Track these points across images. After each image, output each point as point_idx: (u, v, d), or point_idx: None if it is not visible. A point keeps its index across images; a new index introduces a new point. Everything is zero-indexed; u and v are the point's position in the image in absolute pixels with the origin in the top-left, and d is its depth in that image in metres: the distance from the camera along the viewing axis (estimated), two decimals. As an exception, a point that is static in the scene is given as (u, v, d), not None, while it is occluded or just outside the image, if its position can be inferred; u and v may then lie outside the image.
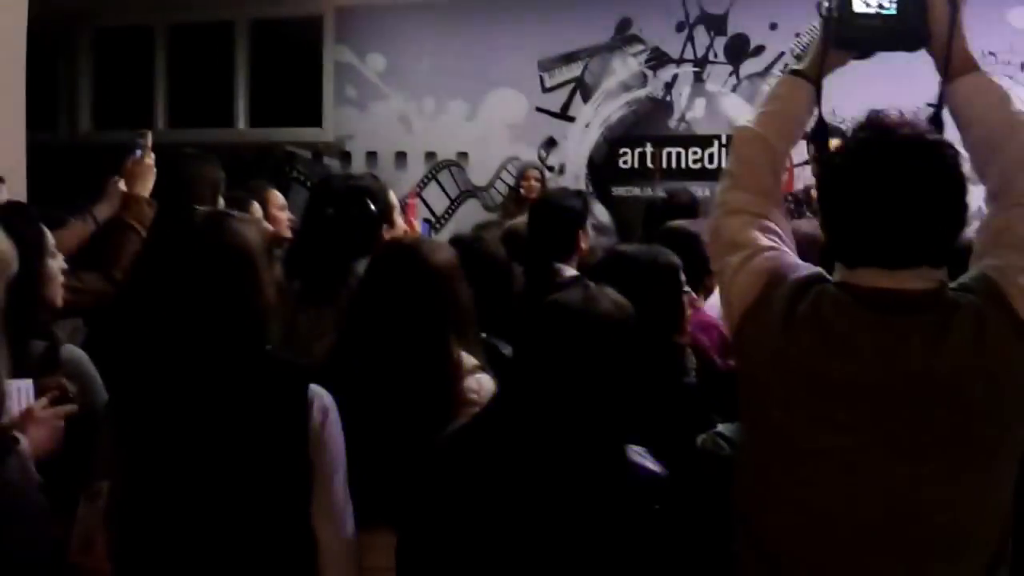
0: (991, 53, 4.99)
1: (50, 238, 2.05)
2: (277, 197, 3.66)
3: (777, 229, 1.48)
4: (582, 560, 1.50)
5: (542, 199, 3.31)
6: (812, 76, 1.53)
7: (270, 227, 3.44)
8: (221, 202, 2.76)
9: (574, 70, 5.87)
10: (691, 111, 5.62)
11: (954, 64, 1.45)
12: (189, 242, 1.68)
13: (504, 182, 5.90)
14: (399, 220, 2.75)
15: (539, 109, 5.93)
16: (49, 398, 1.77)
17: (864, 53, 1.55)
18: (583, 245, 2.94)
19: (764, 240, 1.45)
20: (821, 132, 1.54)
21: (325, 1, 6.29)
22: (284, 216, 3.76)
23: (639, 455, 1.60)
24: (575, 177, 5.89)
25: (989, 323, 1.32)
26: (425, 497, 1.61)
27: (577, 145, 5.89)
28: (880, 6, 1.46)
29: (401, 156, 6.27)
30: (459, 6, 6.01)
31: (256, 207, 3.41)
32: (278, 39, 6.67)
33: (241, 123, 6.77)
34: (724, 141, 5.38)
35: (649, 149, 5.69)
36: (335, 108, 6.41)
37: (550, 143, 5.92)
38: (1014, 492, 1.42)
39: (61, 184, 5.95)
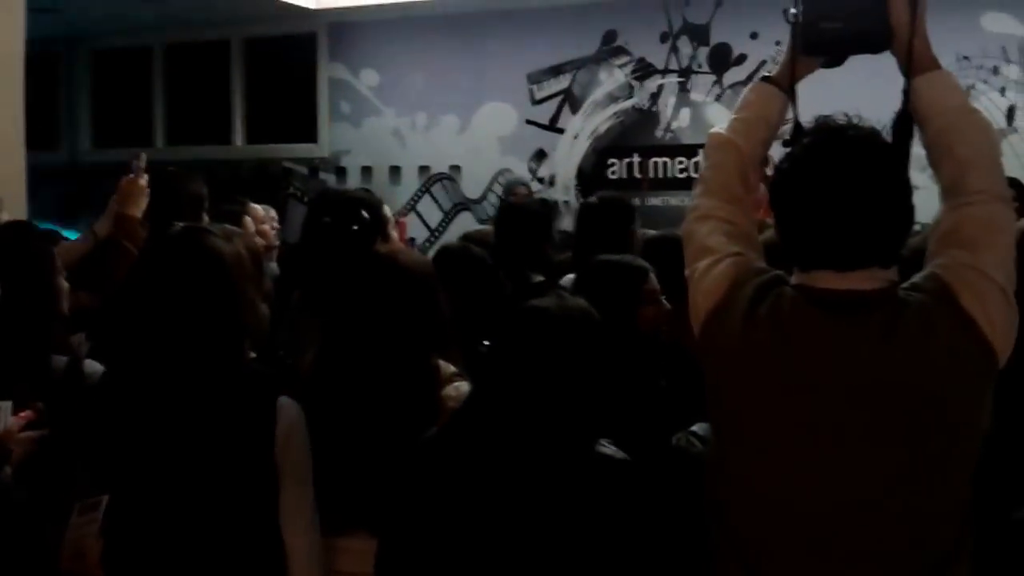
0: (965, 57, 5.09)
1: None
2: (258, 211, 3.77)
3: (744, 234, 1.53)
4: (559, 555, 1.55)
5: (509, 208, 3.42)
6: (783, 82, 1.57)
7: (262, 240, 3.58)
8: (205, 218, 2.83)
9: (562, 82, 5.97)
10: (676, 121, 5.72)
11: (915, 63, 1.49)
12: (165, 256, 1.76)
13: (496, 194, 5.99)
14: (393, 234, 2.81)
15: (529, 121, 6.03)
16: (24, 418, 1.83)
17: (833, 61, 1.60)
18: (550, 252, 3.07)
19: (730, 245, 1.50)
20: (797, 138, 1.57)
21: (318, 18, 6.39)
22: (268, 227, 3.88)
23: (604, 446, 1.65)
24: (565, 188, 5.99)
25: (938, 320, 1.37)
26: (404, 502, 1.65)
27: (566, 156, 5.99)
28: (845, 12, 1.51)
29: (395, 170, 6.37)
30: (450, 22, 6.12)
31: (249, 221, 3.54)
32: (273, 57, 6.77)
33: (238, 140, 6.88)
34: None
35: (636, 159, 5.78)
36: (330, 124, 6.52)
37: (540, 155, 6.02)
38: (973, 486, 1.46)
39: (61, 203, 6.11)
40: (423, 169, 6.31)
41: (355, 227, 2.49)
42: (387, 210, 2.80)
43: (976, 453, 1.44)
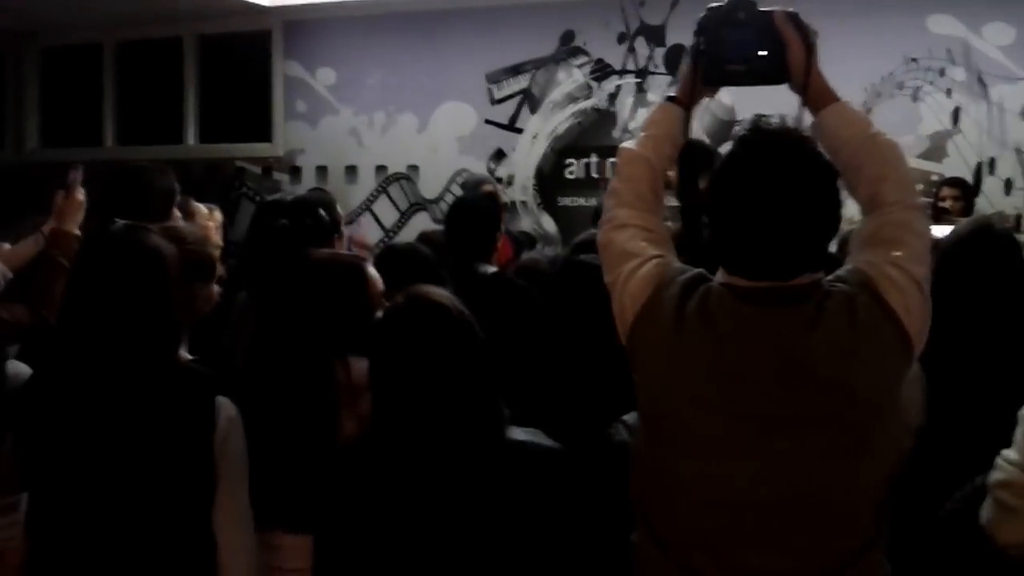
0: (912, 59, 5.21)
1: None
2: (201, 210, 3.71)
3: (662, 240, 1.60)
4: (478, 542, 1.58)
5: (458, 203, 3.46)
6: (684, 103, 1.67)
7: (219, 241, 3.54)
8: (177, 213, 2.81)
9: (521, 82, 5.97)
10: (634, 121, 5.75)
11: (815, 99, 1.58)
12: (102, 254, 1.75)
13: (454, 194, 5.97)
14: (346, 233, 2.84)
15: (488, 121, 6.02)
16: None
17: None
18: (499, 245, 3.12)
19: (652, 249, 1.56)
20: (687, 154, 1.70)
21: (273, 15, 6.32)
22: (213, 226, 3.86)
23: (527, 434, 1.68)
24: (523, 188, 5.99)
25: (860, 310, 1.42)
26: (335, 500, 1.67)
27: (525, 156, 6.00)
28: (744, 49, 1.61)
29: (351, 170, 6.33)
30: (408, 20, 6.09)
31: (213, 216, 3.52)
32: (227, 55, 6.69)
33: (191, 139, 6.78)
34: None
35: (595, 159, 5.81)
36: (285, 123, 6.45)
37: (499, 155, 6.02)
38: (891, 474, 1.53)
39: (8, 202, 5.95)
40: (380, 169, 6.27)
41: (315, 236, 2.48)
42: (339, 209, 2.83)
43: (893, 441, 1.50)
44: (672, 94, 1.70)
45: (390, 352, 1.65)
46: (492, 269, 3.03)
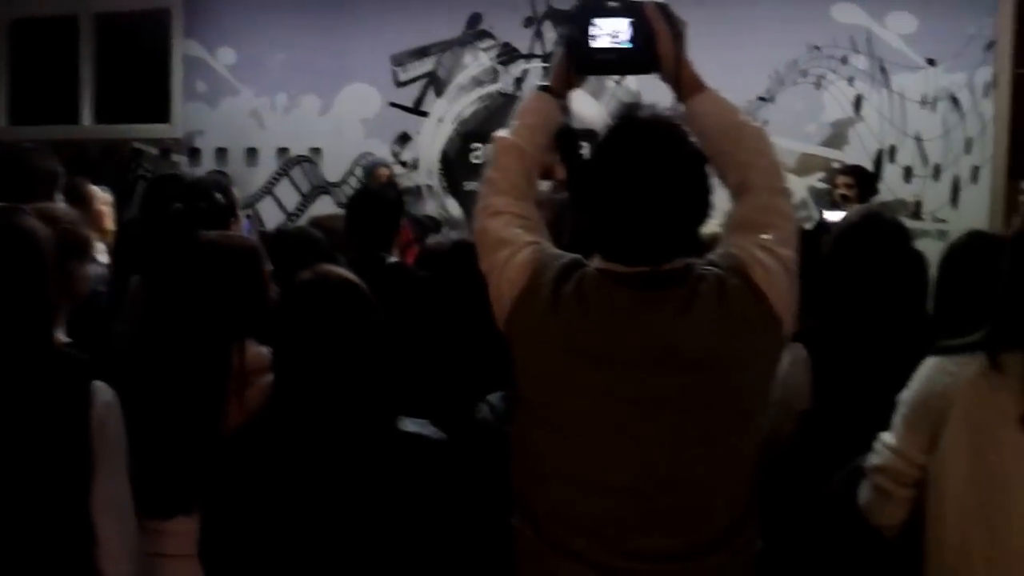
0: (816, 47, 5.22)
1: None
2: (97, 192, 3.70)
3: (537, 227, 1.61)
4: (366, 531, 1.59)
5: (361, 192, 3.47)
6: (559, 92, 1.69)
7: (111, 224, 3.49)
8: (59, 197, 2.82)
9: (427, 65, 5.85)
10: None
11: (684, 87, 1.61)
12: None
13: (357, 178, 5.82)
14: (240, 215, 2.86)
15: (393, 104, 5.88)
16: None
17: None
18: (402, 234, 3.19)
19: (527, 235, 1.57)
20: (565, 137, 1.75)
21: (173, -7, 6.13)
22: (107, 210, 3.78)
23: (416, 426, 1.69)
24: (428, 172, 5.86)
25: (731, 292, 1.45)
26: (219, 484, 1.66)
27: (431, 140, 5.87)
28: (614, 39, 1.62)
29: (252, 152, 6.13)
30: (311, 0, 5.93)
31: (100, 198, 3.52)
32: (124, 33, 6.44)
33: (86, 119, 6.52)
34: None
35: (500, 143, 5.71)
36: (184, 104, 6.23)
37: (404, 138, 5.88)
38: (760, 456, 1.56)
39: None
40: (282, 151, 6.08)
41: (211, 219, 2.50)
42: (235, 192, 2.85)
43: (762, 420, 1.53)
44: (545, 83, 1.71)
45: (298, 326, 1.65)
46: (393, 259, 3.04)
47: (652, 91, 1.76)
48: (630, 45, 1.62)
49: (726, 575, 1.51)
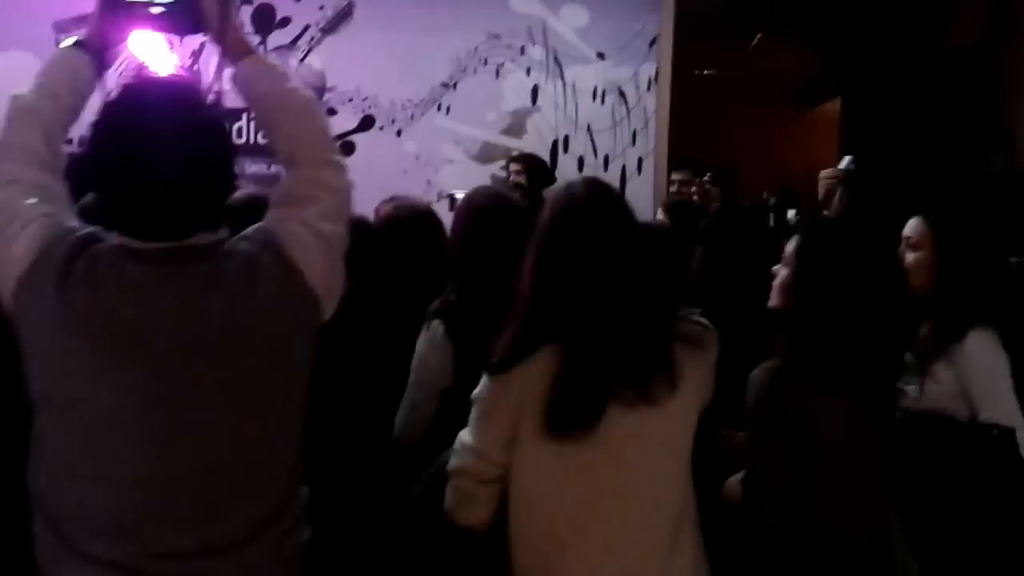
0: (494, 36, 5.27)
1: None
2: None
3: (55, 196, 1.50)
4: None
5: None
6: (93, 48, 1.59)
7: None
8: None
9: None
10: (219, 83, 5.38)
11: (232, 50, 1.59)
12: None
13: None
14: None
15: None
16: None
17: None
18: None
19: (42, 207, 1.46)
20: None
21: None
22: None
23: None
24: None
25: (264, 268, 1.42)
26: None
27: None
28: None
29: None
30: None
31: None
32: None
33: None
34: (252, 116, 5.20)
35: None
36: None
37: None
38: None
39: None
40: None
41: None
42: None
43: (303, 401, 1.49)
44: (78, 37, 1.61)
45: None
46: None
47: (339, 75, 1.66)
48: (175, 5, 1.58)
49: (258, 572, 1.46)
